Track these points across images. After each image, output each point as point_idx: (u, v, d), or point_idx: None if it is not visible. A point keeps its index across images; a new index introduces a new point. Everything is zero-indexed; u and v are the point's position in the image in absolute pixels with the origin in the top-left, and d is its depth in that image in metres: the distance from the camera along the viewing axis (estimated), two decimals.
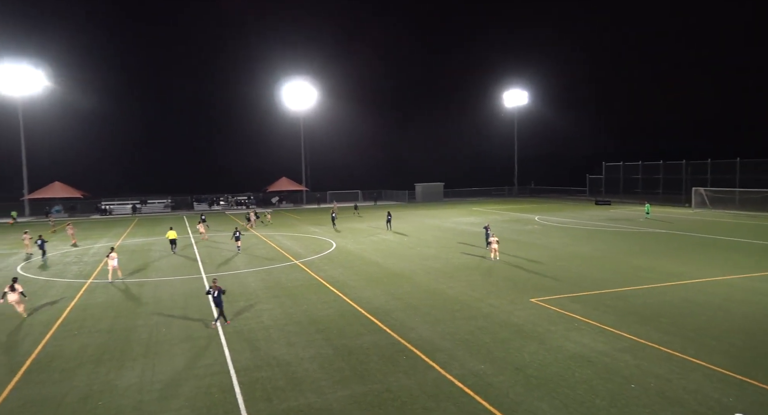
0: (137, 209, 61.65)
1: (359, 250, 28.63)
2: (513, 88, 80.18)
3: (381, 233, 35.73)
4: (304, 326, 14.78)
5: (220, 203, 67.80)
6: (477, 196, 76.98)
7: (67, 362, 12.27)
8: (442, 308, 16.41)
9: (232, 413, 9.68)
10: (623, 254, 25.78)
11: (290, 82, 70.07)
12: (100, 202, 61.59)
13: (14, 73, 54.51)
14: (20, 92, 55.98)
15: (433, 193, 73.71)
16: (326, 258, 26.16)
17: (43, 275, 22.92)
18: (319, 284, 20.28)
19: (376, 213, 50.31)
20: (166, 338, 13.96)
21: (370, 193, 76.00)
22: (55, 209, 57.94)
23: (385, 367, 11.73)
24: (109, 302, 18.01)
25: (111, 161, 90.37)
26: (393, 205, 65.78)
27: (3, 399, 10.34)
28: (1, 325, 15.37)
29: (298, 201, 72.57)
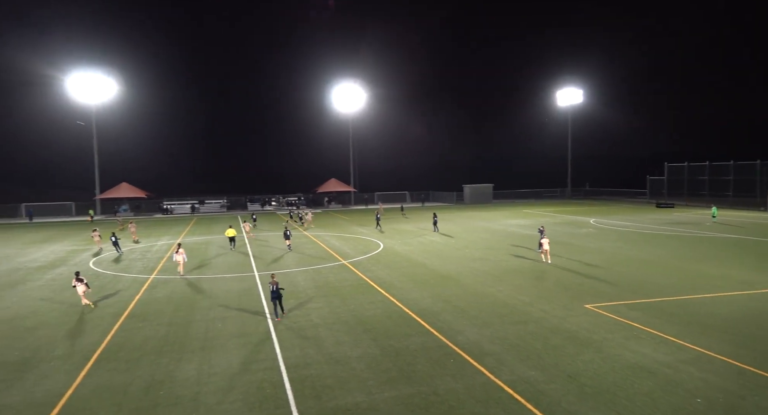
0: (195, 209, 64.72)
1: (406, 251, 28.62)
2: (567, 87, 77.37)
3: (428, 235, 35.55)
4: (351, 326, 14.95)
5: (272, 204, 69.97)
6: (527, 198, 74.97)
7: (132, 353, 13.05)
8: (491, 312, 16.09)
9: (283, 408, 9.93)
10: (687, 259, 24.24)
11: (339, 85, 71.24)
12: (162, 202, 65.23)
13: (88, 81, 58.88)
14: (93, 99, 60.38)
15: (481, 195, 72.50)
16: (374, 259, 26.34)
17: (110, 270, 24.53)
18: (366, 284, 20.45)
19: (422, 214, 50.12)
20: (222, 333, 14.54)
21: (417, 194, 75.83)
22: (122, 208, 61.99)
23: (432, 369, 11.65)
24: (170, 296, 19.00)
25: (173, 163, 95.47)
26: (440, 207, 65.23)
27: (78, 384, 11.16)
28: (76, 315, 16.59)
29: (347, 202, 73.54)
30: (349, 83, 71.39)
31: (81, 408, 10.03)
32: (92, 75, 59.17)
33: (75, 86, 59.12)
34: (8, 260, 28.07)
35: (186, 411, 9.83)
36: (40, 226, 48.69)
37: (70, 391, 10.80)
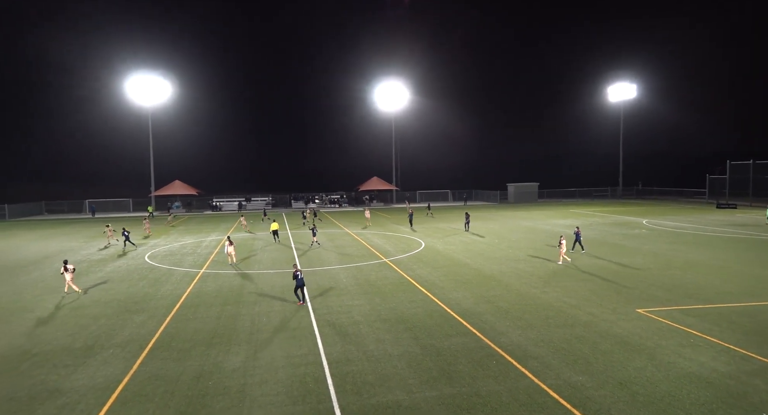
0: (242, 206, 66.85)
1: (448, 250, 28.36)
2: (619, 82, 74.05)
3: (469, 234, 35.08)
4: (392, 324, 14.98)
5: (315, 201, 71.20)
6: (575, 198, 72.49)
7: (184, 343, 13.65)
8: (535, 314, 15.67)
9: (325, 403, 10.09)
10: (751, 264, 22.68)
11: (382, 83, 71.47)
12: (211, 199, 67.82)
13: (144, 84, 62.09)
14: (149, 101, 63.60)
15: (526, 194, 70.77)
16: (415, 257, 26.28)
17: (164, 264, 25.75)
18: (407, 282, 20.43)
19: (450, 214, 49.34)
20: (267, 327, 14.95)
21: (459, 193, 75.01)
22: (175, 205, 64.96)
23: (474, 370, 11.48)
24: (218, 290, 19.73)
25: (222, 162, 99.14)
26: (483, 206, 64.30)
27: (134, 371, 11.80)
28: (133, 306, 17.54)
29: (388, 200, 73.74)
30: (392, 81, 71.50)
31: (137, 394, 10.59)
32: (149, 78, 62.34)
33: (133, 89, 62.49)
34: (73, 252, 30.03)
35: (233, 401, 10.18)
36: (101, 221, 51.81)
37: (127, 377, 11.43)
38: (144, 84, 62.17)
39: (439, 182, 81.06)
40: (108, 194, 67.20)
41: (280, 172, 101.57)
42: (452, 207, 62.67)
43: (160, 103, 65.63)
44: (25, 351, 13.17)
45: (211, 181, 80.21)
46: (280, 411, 9.75)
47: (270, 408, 9.87)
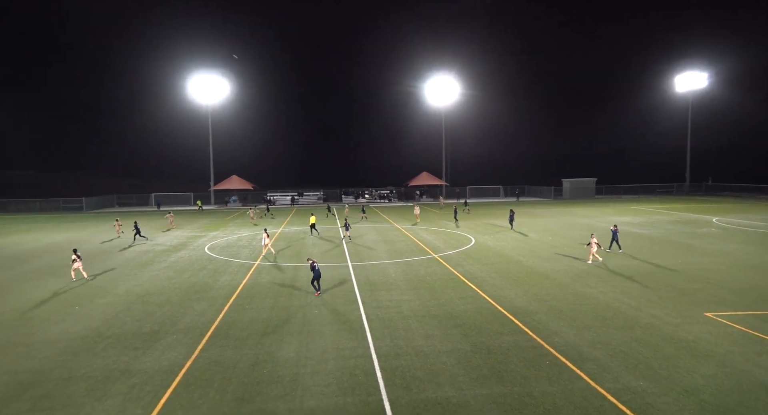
0: (295, 201, 68.69)
1: (499, 247, 27.79)
2: (688, 71, 69.18)
3: (521, 231, 34.19)
4: (441, 320, 14.89)
5: (364, 196, 71.91)
6: (637, 194, 68.82)
7: (240, 332, 14.24)
8: (592, 314, 15.06)
9: (374, 395, 10.21)
10: None
11: (433, 78, 70.84)
12: (266, 193, 70.18)
13: (205, 83, 65.06)
14: (209, 99, 66.59)
15: (583, 190, 67.99)
16: (465, 254, 25.96)
17: (222, 255, 26.95)
18: (457, 279, 20.23)
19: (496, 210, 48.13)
20: (318, 319, 15.30)
21: (511, 189, 73.22)
22: (232, 199, 67.78)
23: (526, 370, 11.21)
24: (272, 282, 20.41)
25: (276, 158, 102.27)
26: (536, 202, 62.44)
27: (195, 357, 12.46)
28: (195, 294, 18.50)
29: (438, 195, 73.20)
30: (442, 75, 70.73)
31: (198, 378, 11.18)
32: (209, 77, 65.27)
33: (194, 89, 65.67)
34: (141, 243, 32.05)
35: (286, 390, 10.51)
36: (165, 213, 54.97)
37: (189, 362, 12.09)
38: (204, 83, 65.21)
39: (490, 178, 79.53)
40: (172, 188, 71.19)
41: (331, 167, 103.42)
42: (502, 203, 61.27)
43: (219, 102, 68.57)
44: (100, 333, 14.23)
45: (265, 176, 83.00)
46: (331, 402, 9.97)
47: (321, 398, 10.11)
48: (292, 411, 9.61)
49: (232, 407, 9.79)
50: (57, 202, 62.97)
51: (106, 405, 9.97)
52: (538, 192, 72.22)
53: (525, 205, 57.78)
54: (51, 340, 13.76)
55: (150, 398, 10.21)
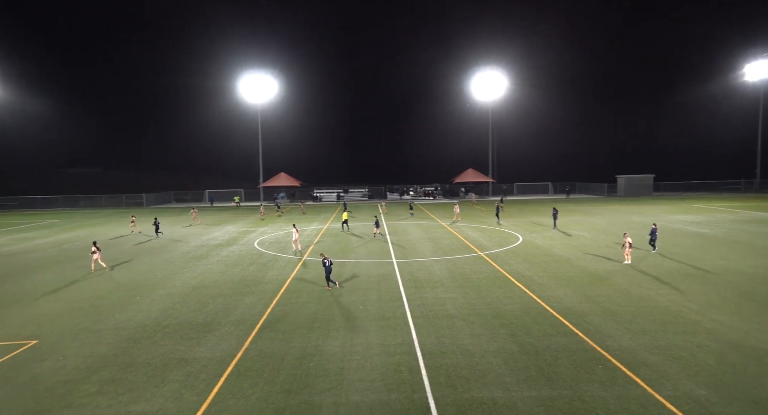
0: (341, 197, 69.63)
1: (548, 245, 26.97)
2: (760, 58, 63.95)
3: (572, 230, 33.00)
4: (487, 319, 14.64)
5: (409, 193, 71.82)
6: (699, 191, 64.81)
7: (288, 325, 14.61)
8: (649, 318, 14.32)
9: (419, 393, 10.18)
10: None
11: (479, 73, 69.60)
12: (312, 190, 71.59)
13: (255, 82, 67.13)
14: (259, 99, 68.67)
15: (639, 187, 64.75)
16: (512, 252, 25.38)
17: (271, 250, 27.73)
18: (503, 277, 19.82)
19: (543, 207, 46.63)
20: (363, 314, 15.45)
21: (561, 185, 70.84)
22: (280, 195, 69.64)
23: (576, 373, 10.82)
24: (319, 276, 20.76)
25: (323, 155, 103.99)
26: (588, 200, 60.12)
27: (246, 348, 12.91)
28: (246, 288, 19.16)
29: (484, 193, 72.00)
30: (489, 71, 69.34)
31: (249, 368, 11.58)
32: (258, 77, 67.28)
33: (244, 88, 67.90)
34: (195, 237, 33.58)
35: (332, 383, 10.69)
36: (218, 209, 57.31)
37: (240, 353, 12.54)
38: (254, 83, 67.30)
39: (539, 174, 77.30)
40: (224, 185, 74.05)
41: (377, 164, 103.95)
42: (551, 200, 59.37)
43: (268, 101, 70.53)
44: (158, 323, 15.03)
45: (312, 173, 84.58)
46: (376, 397, 10.04)
47: (366, 393, 10.20)
48: (338, 405, 9.75)
49: (280, 398, 10.06)
50: (120, 198, 67.10)
51: (164, 391, 10.51)
52: (590, 189, 69.49)
53: (576, 203, 55.77)
54: (116, 327, 14.67)
55: (204, 386, 10.67)
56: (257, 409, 9.66)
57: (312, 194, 70.67)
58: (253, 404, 9.83)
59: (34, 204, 65.57)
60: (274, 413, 9.51)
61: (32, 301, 17.84)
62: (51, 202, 65.94)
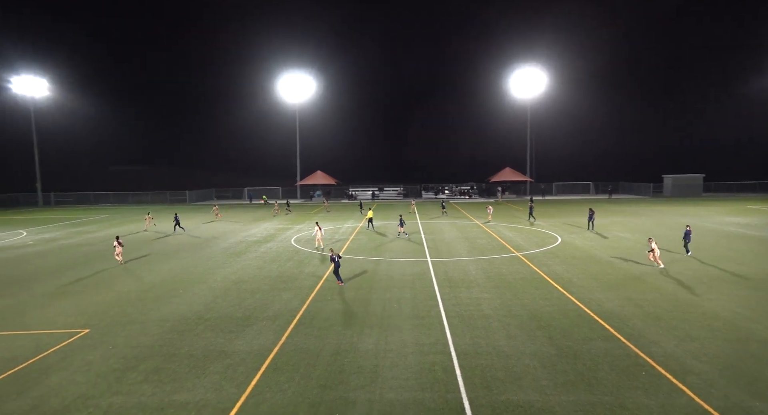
0: (375, 196, 69.94)
1: (588, 247, 26.17)
2: None
3: (615, 231, 31.87)
4: (524, 321, 14.36)
5: (444, 192, 71.32)
6: (754, 192, 61.20)
7: (323, 322, 14.82)
8: (697, 324, 13.66)
9: (453, 393, 10.11)
10: None
11: (518, 69, 68.24)
12: (348, 188, 72.24)
13: (293, 82, 68.35)
14: (297, 98, 69.87)
15: (687, 187, 61.85)
16: (550, 253, 24.78)
17: (307, 248, 28.18)
18: (541, 279, 19.38)
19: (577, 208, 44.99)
20: (397, 313, 15.47)
21: (603, 185, 68.54)
22: (317, 193, 70.66)
23: (618, 379, 10.46)
24: (353, 274, 20.95)
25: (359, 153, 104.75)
26: (632, 200, 57.96)
27: (282, 343, 13.20)
28: (282, 284, 19.56)
29: (521, 192, 70.62)
30: (528, 67, 67.88)
31: (285, 363, 11.82)
32: (296, 76, 68.49)
33: (283, 88, 69.27)
34: (235, 233, 34.56)
35: (366, 380, 10.77)
36: (256, 207, 58.72)
37: (276, 347, 12.83)
38: (292, 82, 68.55)
39: (579, 173, 75.05)
40: (262, 183, 75.82)
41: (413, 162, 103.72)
42: (591, 201, 57.55)
43: (306, 100, 71.68)
44: (200, 316, 15.58)
45: (348, 172, 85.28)
46: (410, 395, 10.04)
47: (400, 391, 10.22)
48: (372, 402, 9.82)
49: (315, 394, 10.23)
50: (165, 195, 69.89)
51: (205, 382, 10.89)
52: (634, 189, 66.93)
53: (618, 204, 53.86)
54: (160, 319, 15.31)
55: (243, 379, 10.98)
56: (293, 403, 9.85)
57: (347, 192, 71.31)
58: (289, 398, 10.04)
59: (87, 200, 69.30)
60: (310, 407, 9.67)
61: (85, 292, 18.85)
62: (102, 199, 69.52)
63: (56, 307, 16.86)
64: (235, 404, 9.83)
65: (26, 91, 67.11)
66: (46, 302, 17.55)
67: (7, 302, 17.53)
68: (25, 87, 66.80)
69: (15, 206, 66.46)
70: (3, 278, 21.42)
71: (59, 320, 15.38)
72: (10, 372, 11.53)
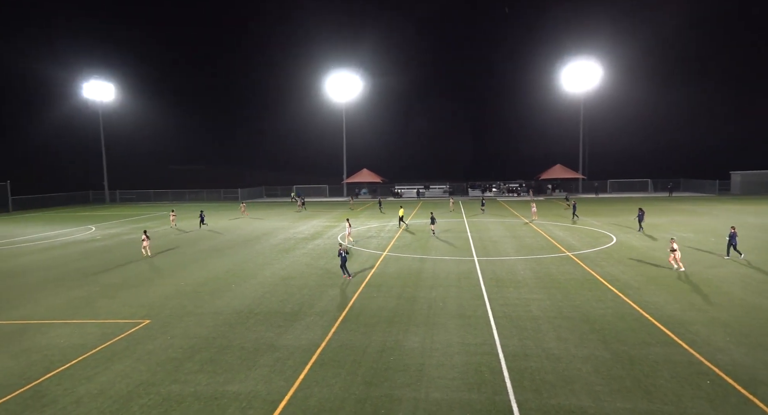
0: (421, 193, 69.68)
1: (646, 247, 24.85)
2: None
3: (683, 231, 30.08)
4: (575, 323, 13.84)
5: (491, 190, 69.96)
6: None
7: (369, 319, 14.92)
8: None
9: (501, 395, 9.90)
10: None
11: (570, 63, 65.79)
12: (393, 186, 72.42)
13: (340, 81, 69.28)
14: (344, 97, 70.77)
15: (759, 184, 57.45)
16: (604, 253, 23.74)
17: (353, 245, 28.49)
18: (594, 280, 18.60)
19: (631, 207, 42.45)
20: (443, 312, 15.33)
21: (663, 182, 64.90)
22: (363, 191, 71.33)
23: (679, 388, 9.87)
24: (399, 273, 20.98)
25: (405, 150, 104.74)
26: (696, 198, 54.58)
27: (329, 338, 13.41)
28: (330, 280, 19.89)
29: (573, 190, 68.15)
30: (581, 60, 65.28)
31: (331, 359, 12.01)
32: (345, 75, 69.38)
33: (331, 86, 70.37)
34: (284, 230, 35.49)
35: (412, 379, 10.74)
36: (281, 204, 59.98)
37: (323, 343, 13.05)
38: (340, 81, 69.51)
39: (637, 170, 71.45)
40: (310, 181, 77.45)
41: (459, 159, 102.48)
42: (649, 199, 54.60)
43: (353, 98, 72.46)
44: (251, 310, 16.11)
45: (394, 169, 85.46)
46: (456, 396, 9.92)
47: (446, 391, 10.12)
48: (418, 400, 9.78)
49: (361, 390, 10.31)
50: (218, 193, 72.91)
51: (255, 374, 11.25)
52: (697, 187, 62.95)
53: (680, 202, 50.84)
54: (214, 312, 15.97)
55: (291, 373, 11.25)
56: (340, 398, 9.99)
57: (393, 190, 71.50)
58: (335, 394, 10.18)
59: (148, 197, 73.46)
60: (356, 403, 9.77)
61: (146, 284, 19.98)
62: (162, 196, 73.48)
63: (121, 298, 17.98)
64: (284, 397, 10.09)
65: (95, 95, 72.01)
66: (112, 293, 18.75)
67: (78, 293, 18.87)
68: (93, 92, 71.69)
69: (86, 203, 71.54)
70: (75, 271, 23.07)
71: (123, 311, 16.38)
72: (81, 358, 12.41)
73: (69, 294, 18.69)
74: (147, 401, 10.10)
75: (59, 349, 13.03)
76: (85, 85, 71.73)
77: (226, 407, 9.73)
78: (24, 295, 18.74)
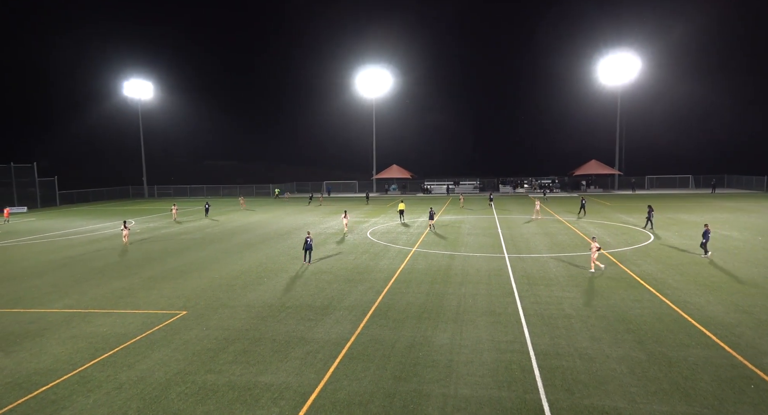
0: (450, 190, 69.14)
1: (687, 245, 23.94)
2: None
3: (726, 230, 28.84)
4: (610, 322, 13.49)
5: (523, 186, 68.76)
6: None
7: (398, 314, 14.98)
8: None
9: (532, 394, 9.77)
10: None
11: (606, 56, 63.75)
12: (423, 182, 72.15)
13: (370, 77, 69.38)
14: (374, 93, 70.87)
15: None
16: (641, 251, 23.00)
17: (382, 241, 28.60)
18: (630, 278, 18.06)
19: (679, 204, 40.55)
20: (472, 308, 15.22)
21: (705, 179, 62.25)
22: (392, 187, 71.36)
23: (720, 391, 9.50)
24: (428, 268, 20.94)
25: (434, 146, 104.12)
26: (741, 195, 52.17)
27: (358, 333, 13.55)
28: (358, 276, 20.04)
29: (608, 186, 66.23)
30: (618, 52, 63.15)
31: (361, 353, 12.13)
32: (374, 71, 69.46)
33: (361, 83, 70.62)
34: (314, 226, 35.94)
35: (441, 375, 10.73)
36: (334, 200, 60.57)
37: (353, 337, 13.19)
38: (370, 77, 69.67)
39: (677, 166, 68.74)
40: (340, 177, 78.08)
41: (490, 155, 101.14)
42: (690, 196, 52.42)
43: (383, 94, 72.51)
44: (282, 303, 16.44)
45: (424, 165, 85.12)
46: (486, 393, 9.86)
47: (476, 388, 10.07)
48: (446, 397, 9.77)
49: (390, 384, 10.38)
50: (251, 188, 74.48)
51: (286, 366, 11.49)
52: (743, 183, 60.07)
53: (723, 199, 48.66)
54: (247, 305, 16.37)
55: (321, 365, 11.44)
56: (369, 392, 10.09)
57: (423, 186, 71.24)
58: (365, 387, 10.29)
59: (184, 192, 75.76)
60: (385, 397, 9.84)
61: (183, 277, 20.66)
62: (197, 191, 75.63)
63: (159, 289, 18.66)
64: (315, 389, 10.26)
65: (134, 94, 74.68)
66: (152, 284, 19.48)
67: (120, 284, 19.70)
68: (133, 90, 74.37)
69: (126, 198, 74.45)
70: (116, 263, 24.08)
71: (162, 302, 17.00)
72: (122, 346, 12.97)
73: (112, 285, 19.54)
74: (184, 389, 10.47)
75: (103, 337, 13.66)
76: (125, 83, 74.48)
77: (258, 397, 9.98)
78: (72, 285, 19.71)
